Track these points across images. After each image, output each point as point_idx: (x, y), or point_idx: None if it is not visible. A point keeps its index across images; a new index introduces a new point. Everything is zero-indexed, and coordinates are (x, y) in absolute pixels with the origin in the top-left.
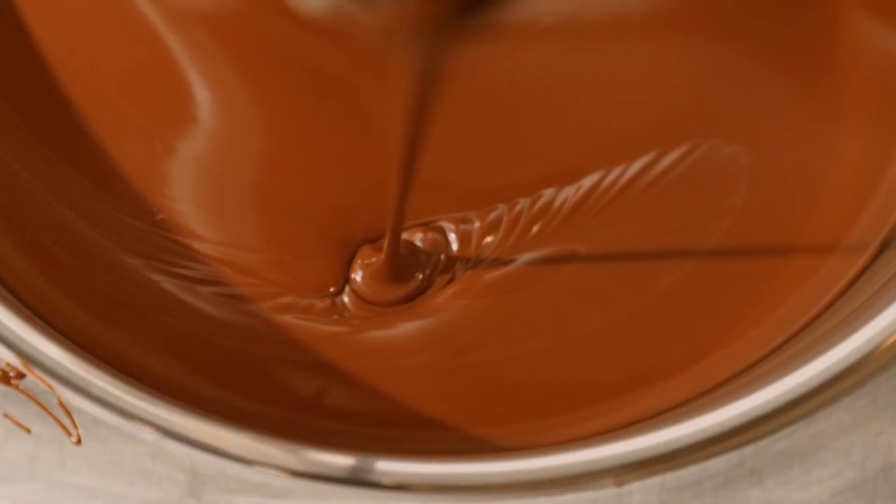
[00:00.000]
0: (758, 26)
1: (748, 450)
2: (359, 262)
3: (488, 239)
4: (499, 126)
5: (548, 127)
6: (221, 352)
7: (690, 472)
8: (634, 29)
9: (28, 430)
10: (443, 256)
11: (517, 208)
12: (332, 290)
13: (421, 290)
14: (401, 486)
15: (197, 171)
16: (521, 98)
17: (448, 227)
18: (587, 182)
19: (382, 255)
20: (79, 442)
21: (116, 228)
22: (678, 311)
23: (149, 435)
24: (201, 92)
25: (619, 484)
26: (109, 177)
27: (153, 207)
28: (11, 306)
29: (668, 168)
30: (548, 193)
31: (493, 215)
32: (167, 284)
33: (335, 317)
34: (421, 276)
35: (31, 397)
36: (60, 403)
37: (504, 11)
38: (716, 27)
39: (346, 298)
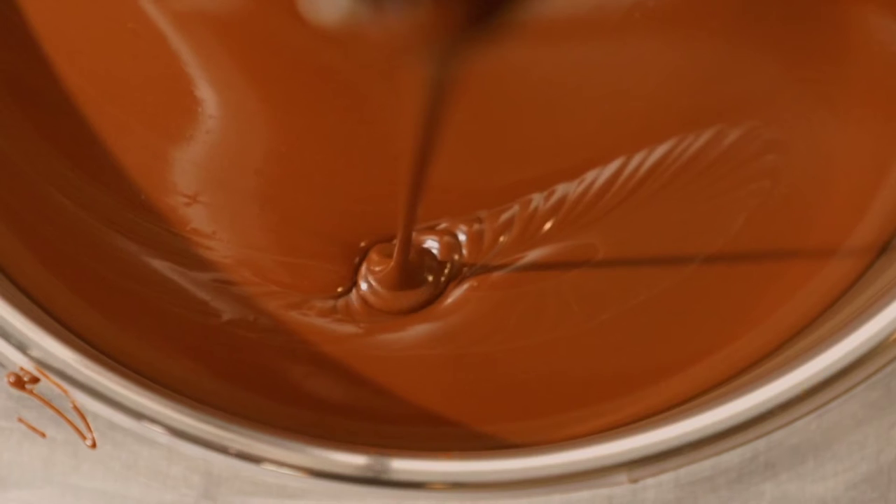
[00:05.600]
0: (769, 23)
1: (762, 444)
2: (367, 267)
3: (501, 239)
4: (507, 125)
5: (557, 124)
6: (233, 351)
7: (704, 466)
8: (643, 27)
9: (43, 435)
10: (455, 258)
11: (530, 207)
12: (340, 290)
13: (432, 299)
14: (416, 485)
15: (207, 173)
16: (530, 96)
17: (459, 229)
18: (598, 179)
19: (392, 262)
20: (94, 446)
21: (130, 229)
22: (690, 305)
23: (163, 437)
24: (211, 96)
25: (634, 479)
26: (122, 179)
27: (165, 208)
28: (25, 310)
29: (679, 166)
30: (560, 190)
31: (505, 216)
32: (180, 281)
33: (344, 316)
34: (431, 280)
35: (46, 402)
36: (75, 407)
37: (515, 20)
38: (725, 24)
39: (354, 299)
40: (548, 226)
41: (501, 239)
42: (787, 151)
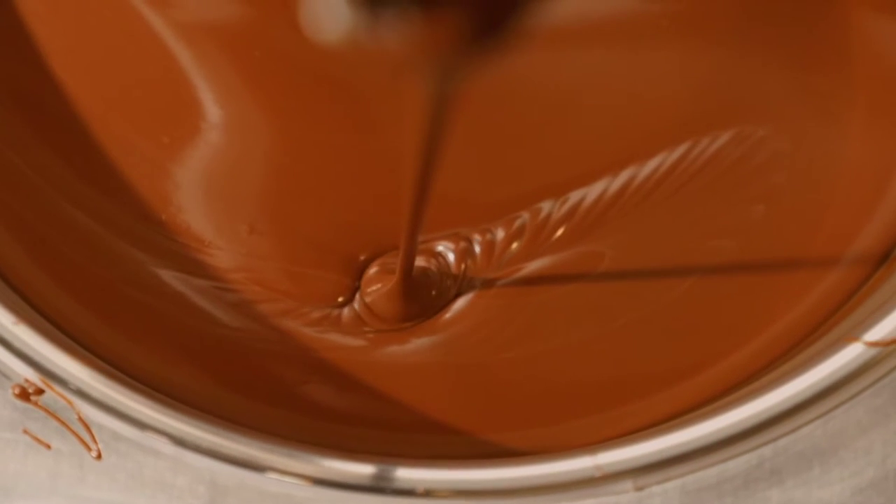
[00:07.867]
0: (772, 30)
1: (767, 451)
2: (368, 279)
3: (511, 248)
4: (513, 133)
5: (563, 132)
6: (236, 360)
7: (710, 474)
8: (644, 34)
9: (48, 446)
10: (459, 269)
11: (540, 215)
12: (341, 300)
13: (435, 311)
14: (421, 493)
15: (210, 183)
16: (536, 105)
17: (466, 240)
18: (603, 189)
19: (396, 275)
20: (99, 457)
21: (133, 238)
22: (696, 314)
23: (168, 447)
24: (214, 108)
25: (639, 487)
26: (125, 189)
27: (167, 217)
28: (29, 321)
29: (684, 173)
30: (571, 198)
31: (515, 225)
32: (182, 290)
33: (347, 326)
34: (434, 292)
35: (51, 413)
36: (80, 419)
37: (517, 35)
38: (728, 32)
39: (356, 309)
40: (557, 234)
41: (512, 248)
42: (792, 158)
